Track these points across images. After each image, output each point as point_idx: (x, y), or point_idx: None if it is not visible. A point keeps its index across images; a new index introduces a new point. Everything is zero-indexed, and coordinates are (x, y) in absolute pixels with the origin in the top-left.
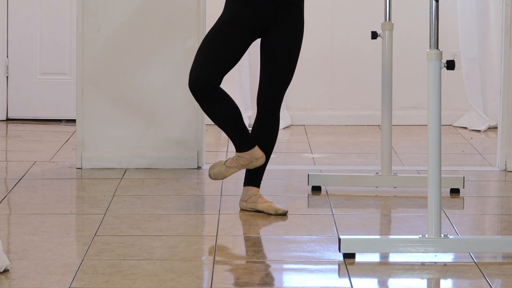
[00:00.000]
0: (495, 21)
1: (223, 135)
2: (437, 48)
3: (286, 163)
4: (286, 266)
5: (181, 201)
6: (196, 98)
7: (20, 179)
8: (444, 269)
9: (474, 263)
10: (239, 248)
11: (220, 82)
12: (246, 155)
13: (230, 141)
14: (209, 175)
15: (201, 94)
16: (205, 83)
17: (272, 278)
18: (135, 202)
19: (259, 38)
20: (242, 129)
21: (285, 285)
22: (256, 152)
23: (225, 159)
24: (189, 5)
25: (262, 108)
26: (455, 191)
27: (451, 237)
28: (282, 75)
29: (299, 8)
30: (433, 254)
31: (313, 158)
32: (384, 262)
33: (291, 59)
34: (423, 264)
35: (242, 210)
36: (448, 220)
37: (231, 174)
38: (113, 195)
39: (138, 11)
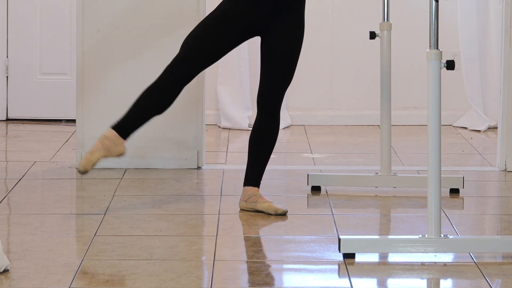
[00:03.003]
0: (495, 21)
1: (223, 135)
2: (437, 48)
3: (286, 163)
4: (286, 266)
5: (181, 201)
6: (159, 86)
7: (20, 179)
8: (444, 269)
9: (474, 263)
10: (239, 248)
11: (192, 79)
12: (114, 136)
13: (229, 141)
14: (78, 171)
15: (168, 87)
16: (180, 81)
17: (272, 278)
18: (135, 202)
19: (257, 36)
20: (143, 124)
21: (285, 285)
22: (122, 145)
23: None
24: (189, 5)
25: (262, 108)
26: (455, 191)
27: (451, 237)
28: (282, 75)
29: (299, 8)
30: (433, 254)
31: (313, 158)
32: (384, 262)
33: (291, 59)
34: (423, 264)
35: (242, 210)
36: (448, 220)
37: (98, 158)
38: (113, 195)
39: (138, 11)
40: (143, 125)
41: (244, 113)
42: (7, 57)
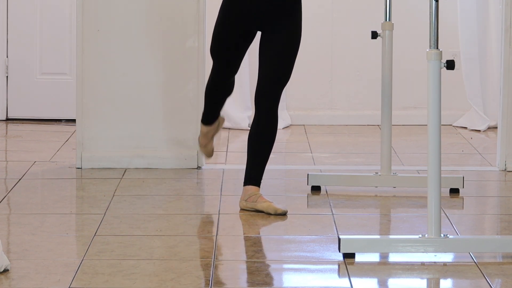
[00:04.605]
0: (495, 21)
1: (223, 135)
2: (437, 48)
3: (286, 163)
4: (286, 266)
5: (181, 201)
6: (212, 85)
7: (20, 179)
8: (444, 269)
9: (474, 263)
10: (239, 248)
11: (236, 72)
12: (211, 127)
13: (229, 141)
14: (205, 156)
15: (219, 85)
16: (227, 77)
17: (272, 278)
18: (135, 202)
19: (259, 31)
20: (222, 106)
21: (285, 285)
22: (220, 119)
23: (199, 139)
24: (189, 5)
25: (260, 107)
26: (454, 191)
27: (450, 237)
28: (280, 74)
29: (295, 7)
30: (433, 254)
31: (312, 158)
32: (384, 262)
33: (288, 58)
34: (423, 264)
35: (242, 209)
36: (448, 220)
37: (211, 146)
38: (113, 195)
39: (138, 11)
40: (223, 105)
41: (244, 113)
42: (7, 57)
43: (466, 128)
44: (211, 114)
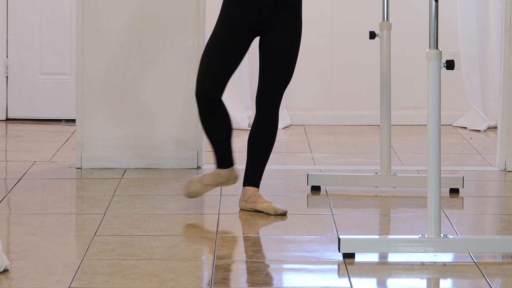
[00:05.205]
0: (495, 21)
1: None
2: (437, 48)
3: (285, 163)
4: (285, 266)
5: (181, 201)
6: (200, 107)
7: (20, 179)
8: (443, 269)
9: (474, 263)
10: (239, 248)
11: (223, 90)
12: (225, 172)
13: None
14: (185, 195)
15: (205, 104)
16: (210, 93)
17: (271, 278)
18: (135, 202)
19: (258, 36)
20: (229, 146)
21: (284, 285)
22: (234, 171)
23: (198, 177)
24: (189, 5)
25: (261, 108)
26: (454, 191)
27: (450, 237)
28: (281, 74)
29: (296, 9)
30: (432, 254)
31: (312, 158)
32: (383, 262)
33: (290, 59)
34: (422, 264)
35: (241, 210)
36: (447, 220)
37: (207, 191)
38: (113, 195)
39: (138, 11)
40: (230, 146)
41: (244, 113)
42: (7, 57)
43: (466, 128)
44: (220, 155)
